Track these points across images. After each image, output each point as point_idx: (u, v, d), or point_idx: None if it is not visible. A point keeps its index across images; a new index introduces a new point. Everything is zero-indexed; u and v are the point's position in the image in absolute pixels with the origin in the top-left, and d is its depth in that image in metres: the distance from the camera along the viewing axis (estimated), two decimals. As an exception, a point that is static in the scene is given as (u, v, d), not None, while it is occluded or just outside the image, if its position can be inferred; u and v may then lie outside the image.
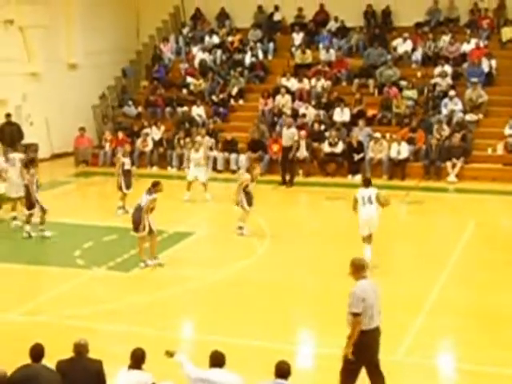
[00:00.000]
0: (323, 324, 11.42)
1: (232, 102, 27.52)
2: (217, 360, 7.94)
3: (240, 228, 17.20)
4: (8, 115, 25.43)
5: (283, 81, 27.14)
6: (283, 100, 26.08)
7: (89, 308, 12.78)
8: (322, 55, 27.92)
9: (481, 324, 12.08)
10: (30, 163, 17.81)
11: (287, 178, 22.67)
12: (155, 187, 15.01)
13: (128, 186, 19.17)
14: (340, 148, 23.78)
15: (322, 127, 24.83)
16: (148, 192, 14.98)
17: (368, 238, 14.68)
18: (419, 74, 26.58)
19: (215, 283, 14.15)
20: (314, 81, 26.86)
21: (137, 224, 14.90)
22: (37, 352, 8.12)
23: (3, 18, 24.90)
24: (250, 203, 17.05)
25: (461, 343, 11.59)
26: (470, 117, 24.40)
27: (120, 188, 19.20)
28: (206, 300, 13.40)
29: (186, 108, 27.07)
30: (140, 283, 14.33)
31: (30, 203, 17.34)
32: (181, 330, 12.57)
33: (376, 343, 8.84)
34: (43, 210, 17.39)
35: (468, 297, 13.25)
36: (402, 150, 23.24)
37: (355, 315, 8.53)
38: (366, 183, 14.91)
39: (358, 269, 8.80)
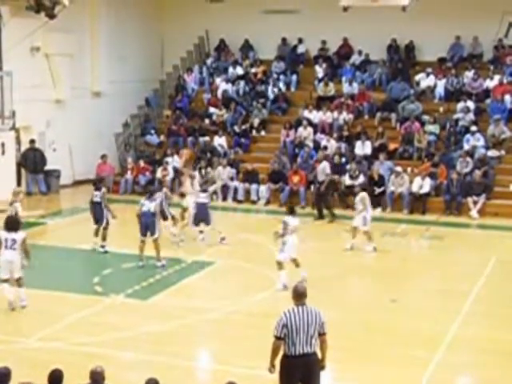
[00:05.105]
0: (341, 358, 11.33)
1: (254, 132, 27.62)
2: None
3: None
4: (32, 141, 25.69)
5: (305, 113, 27.22)
6: (305, 132, 26.14)
7: (105, 335, 12.75)
8: (345, 88, 28.01)
9: (500, 361, 11.92)
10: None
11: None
12: (154, 194, 17.45)
13: None
14: (361, 181, 23.73)
15: (343, 160, 24.84)
16: (149, 199, 17.01)
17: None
18: (441, 109, 26.56)
19: (232, 314, 14.09)
20: (336, 113, 26.91)
21: (152, 228, 16.76)
22: (55, 378, 8.09)
23: (30, 45, 25.17)
24: None
25: (479, 380, 11.47)
26: (492, 153, 24.33)
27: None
28: (223, 331, 13.34)
29: (207, 138, 27.18)
30: (157, 312, 14.30)
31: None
32: (196, 360, 12.51)
33: (302, 370, 8.86)
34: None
35: (488, 333, 13.12)
36: (424, 185, 23.18)
37: (275, 338, 8.87)
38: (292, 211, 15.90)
39: (296, 296, 9.07)
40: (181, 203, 19.63)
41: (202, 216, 18.86)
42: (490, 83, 26.68)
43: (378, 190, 23.49)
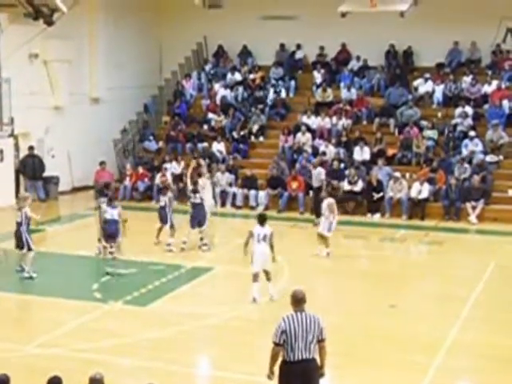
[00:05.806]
0: (340, 363, 11.33)
1: (252, 138, 27.64)
2: None
3: None
4: (31, 148, 25.70)
5: (304, 118, 27.25)
6: (304, 138, 26.15)
7: (104, 341, 12.74)
8: (343, 94, 28.03)
9: (498, 366, 11.92)
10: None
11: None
12: (113, 201, 17.55)
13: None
14: (359, 186, 23.77)
15: (342, 165, 24.85)
16: (110, 205, 17.14)
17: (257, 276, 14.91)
18: (440, 115, 26.59)
19: (231, 320, 14.08)
20: (334, 119, 26.94)
21: (117, 235, 16.98)
22: (54, 384, 8.08)
23: (28, 51, 25.21)
24: None
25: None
26: (490, 158, 24.34)
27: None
28: (222, 337, 13.33)
29: (206, 144, 27.21)
30: (156, 318, 14.29)
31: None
32: (195, 366, 12.48)
33: (301, 376, 8.84)
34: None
35: (487, 338, 13.11)
36: (423, 190, 23.19)
37: (274, 344, 8.84)
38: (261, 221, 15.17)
39: (295, 302, 9.03)
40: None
41: (199, 217, 18.83)
42: (488, 88, 26.70)
43: (376, 196, 23.52)
